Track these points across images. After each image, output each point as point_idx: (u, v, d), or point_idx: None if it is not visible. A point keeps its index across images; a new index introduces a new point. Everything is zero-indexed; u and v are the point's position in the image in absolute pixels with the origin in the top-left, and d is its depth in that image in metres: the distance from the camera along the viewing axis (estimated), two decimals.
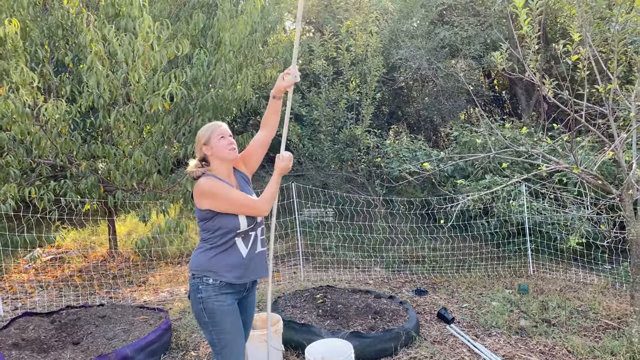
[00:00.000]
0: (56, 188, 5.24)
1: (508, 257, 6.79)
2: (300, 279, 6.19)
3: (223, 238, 2.61)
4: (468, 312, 5.07)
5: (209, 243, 2.63)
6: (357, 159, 8.22)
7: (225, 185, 2.60)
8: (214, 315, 2.59)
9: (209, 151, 2.66)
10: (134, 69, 4.66)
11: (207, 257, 2.62)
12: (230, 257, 2.62)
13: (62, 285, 5.78)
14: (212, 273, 2.59)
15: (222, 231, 2.60)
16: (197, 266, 2.63)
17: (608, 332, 4.48)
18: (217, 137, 2.64)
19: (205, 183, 2.55)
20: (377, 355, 4.00)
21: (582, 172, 4.02)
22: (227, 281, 2.60)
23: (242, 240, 2.65)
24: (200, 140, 2.68)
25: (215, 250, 2.62)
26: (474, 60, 10.93)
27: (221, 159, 2.66)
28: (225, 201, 2.55)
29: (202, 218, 2.62)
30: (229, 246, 2.62)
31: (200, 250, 2.67)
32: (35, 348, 3.80)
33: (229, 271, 2.61)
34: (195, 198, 2.60)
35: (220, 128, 2.67)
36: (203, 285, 2.59)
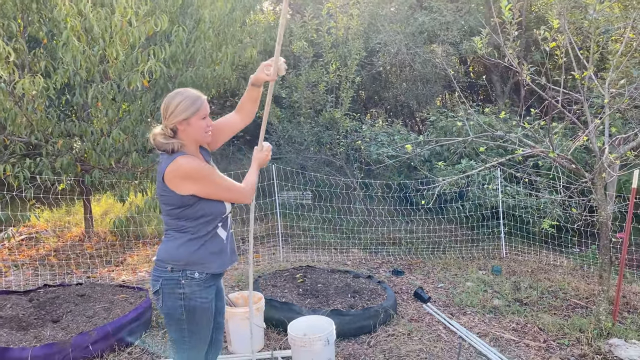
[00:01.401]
0: (32, 166, 5.13)
1: (482, 240, 6.96)
2: (279, 259, 6.24)
3: (207, 226, 2.37)
4: (443, 292, 5.20)
5: (190, 233, 2.34)
6: (336, 142, 8.26)
7: (209, 167, 2.36)
8: (193, 313, 2.36)
9: (185, 127, 2.31)
10: (112, 45, 4.57)
11: (190, 250, 2.33)
12: (214, 245, 2.40)
13: (38, 265, 5.70)
14: (199, 266, 2.34)
15: (207, 218, 2.34)
16: (177, 260, 2.33)
17: (577, 311, 4.67)
18: (200, 116, 2.31)
19: (188, 164, 2.25)
20: (357, 332, 4.09)
21: (558, 156, 4.15)
22: (214, 272, 2.40)
23: (221, 225, 2.45)
24: (179, 114, 2.28)
25: (199, 240, 2.35)
26: (452, 46, 11.02)
27: (195, 140, 2.38)
28: (210, 186, 2.31)
29: (181, 205, 2.29)
30: (212, 234, 2.39)
31: (177, 242, 2.35)
32: (14, 326, 3.76)
33: (215, 259, 2.40)
34: (172, 181, 2.26)
35: (204, 105, 2.34)
36: (187, 280, 2.32)
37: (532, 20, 11.40)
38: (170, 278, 2.33)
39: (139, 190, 5.52)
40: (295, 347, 3.38)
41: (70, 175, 5.31)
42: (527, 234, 6.82)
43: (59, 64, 5.16)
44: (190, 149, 2.38)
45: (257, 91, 2.57)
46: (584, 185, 4.56)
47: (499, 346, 3.94)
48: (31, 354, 3.38)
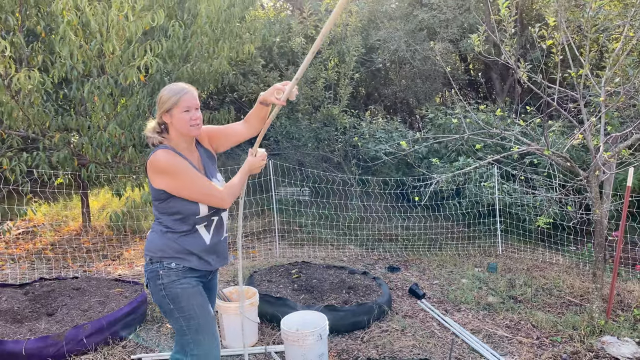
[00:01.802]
0: (28, 160, 5.14)
1: (478, 237, 6.97)
2: (275, 255, 6.26)
3: (183, 224, 2.34)
4: (438, 289, 5.21)
5: (167, 227, 2.35)
6: (333, 139, 8.26)
7: (188, 165, 2.29)
8: (178, 300, 2.32)
9: (169, 119, 2.31)
10: (109, 39, 4.57)
11: (166, 241, 2.33)
12: (192, 243, 2.37)
13: (34, 259, 5.72)
14: (174, 258, 2.33)
15: (180, 216, 2.32)
16: (156, 250, 2.34)
17: (571, 308, 4.68)
18: (181, 108, 2.27)
19: (164, 158, 2.23)
20: (351, 328, 4.10)
21: (553, 154, 4.15)
22: (191, 266, 2.36)
23: (204, 226, 2.40)
24: (162, 105, 2.30)
25: (174, 235, 2.34)
26: (451, 43, 11.01)
27: (181, 134, 2.33)
28: (184, 186, 2.26)
29: (156, 198, 2.32)
30: (189, 231, 2.36)
31: (157, 233, 2.37)
32: (9, 319, 3.78)
33: (190, 256, 2.36)
34: (149, 173, 2.28)
35: (186, 97, 2.28)
36: (164, 270, 2.31)
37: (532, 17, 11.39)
38: (151, 270, 2.34)
39: (136, 185, 5.53)
40: (288, 342, 3.40)
41: (67, 169, 5.32)
42: (523, 232, 6.83)
43: (56, 58, 5.16)
44: (181, 144, 2.35)
45: (264, 110, 2.48)
46: (579, 184, 4.57)
47: (491, 342, 3.96)
48: (25, 346, 3.39)
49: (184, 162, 2.28)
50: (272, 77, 8.18)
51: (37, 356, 3.41)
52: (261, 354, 3.78)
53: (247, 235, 6.89)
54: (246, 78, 8.43)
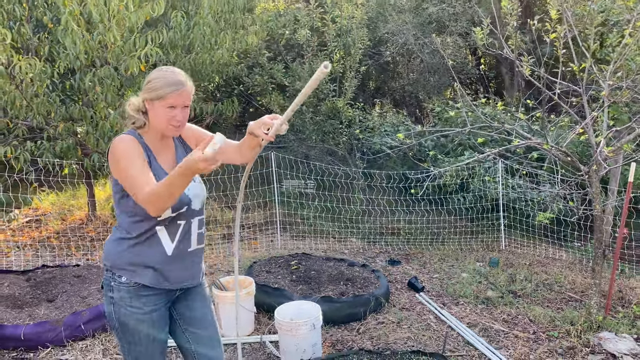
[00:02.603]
0: (33, 149, 5.21)
1: (481, 232, 6.95)
2: (277, 247, 6.29)
3: (140, 226, 1.98)
4: (438, 282, 5.21)
5: (122, 230, 2.02)
6: (338, 132, 8.26)
7: (135, 154, 1.93)
8: (125, 324, 2.00)
9: (150, 107, 1.98)
10: (110, 30, 4.61)
11: (119, 248, 2.00)
12: (148, 252, 2.00)
13: (39, 247, 5.81)
14: (123, 271, 1.98)
15: (138, 217, 1.97)
16: (107, 257, 2.03)
17: (570, 304, 4.66)
18: (166, 103, 1.93)
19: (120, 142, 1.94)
20: (347, 319, 4.12)
21: (552, 148, 4.12)
22: (144, 283, 1.99)
23: (165, 230, 2.02)
24: (148, 91, 1.96)
25: (129, 241, 1.99)
26: (460, 37, 10.93)
27: (155, 127, 2.01)
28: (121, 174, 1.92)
29: (114, 190, 2.02)
30: (148, 237, 1.99)
31: (113, 238, 2.05)
32: (10, 304, 3.85)
33: (144, 270, 1.99)
34: (109, 160, 1.98)
35: (176, 95, 1.93)
36: (115, 283, 1.99)
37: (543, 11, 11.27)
38: (105, 278, 2.06)
39: None
40: (282, 332, 3.43)
41: (71, 159, 5.39)
42: (527, 227, 6.80)
43: (60, 49, 5.21)
44: (152, 134, 2.04)
45: (255, 140, 2.06)
46: (581, 179, 4.53)
47: (487, 336, 3.95)
48: (24, 331, 3.46)
49: (134, 150, 1.94)
50: (276, 70, 8.19)
51: (35, 341, 3.47)
52: (256, 343, 3.81)
53: (249, 227, 6.93)
54: (251, 70, 8.45)
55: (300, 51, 8.49)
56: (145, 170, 1.92)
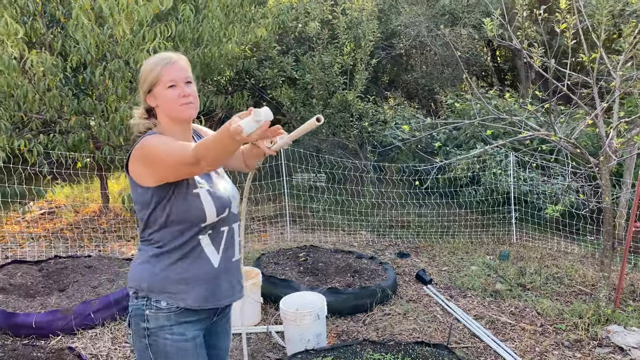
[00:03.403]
0: (46, 142, 5.31)
1: (492, 225, 6.90)
2: (286, 239, 6.33)
3: (181, 237, 1.73)
4: (447, 275, 5.20)
5: (157, 246, 1.75)
6: (349, 125, 8.26)
7: (167, 138, 1.70)
8: (165, 356, 1.73)
9: (154, 102, 1.77)
10: (119, 23, 4.66)
11: (157, 268, 1.73)
12: (193, 268, 1.75)
13: (53, 238, 5.93)
14: (164, 294, 1.72)
15: (179, 227, 1.72)
16: (141, 282, 1.74)
17: (580, 297, 4.62)
18: (164, 83, 1.71)
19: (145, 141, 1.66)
20: (353, 310, 4.14)
21: (561, 139, 4.08)
22: (188, 306, 1.74)
23: (209, 239, 1.78)
24: (142, 85, 1.78)
25: (169, 257, 1.74)
26: (474, 29, 10.83)
27: (172, 118, 1.77)
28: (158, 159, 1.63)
29: (144, 203, 1.73)
30: (191, 249, 1.75)
31: (144, 258, 1.77)
32: (22, 293, 3.94)
33: (190, 290, 1.74)
34: (134, 165, 1.70)
35: (169, 68, 1.72)
36: (151, 311, 1.72)
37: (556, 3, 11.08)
38: (135, 307, 1.76)
39: None
40: (287, 322, 3.46)
41: (83, 152, 5.48)
42: (538, 221, 6.74)
43: (72, 43, 5.29)
44: (172, 131, 1.78)
45: (257, 149, 1.95)
46: (591, 171, 4.48)
47: (493, 328, 3.94)
48: (35, 319, 3.54)
49: (161, 137, 1.70)
50: (286, 63, 8.20)
51: (46, 329, 3.56)
52: (262, 332, 3.85)
53: (259, 220, 6.98)
54: (262, 64, 8.47)
55: (311, 44, 8.49)
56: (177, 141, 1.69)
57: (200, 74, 5.69)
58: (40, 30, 5.69)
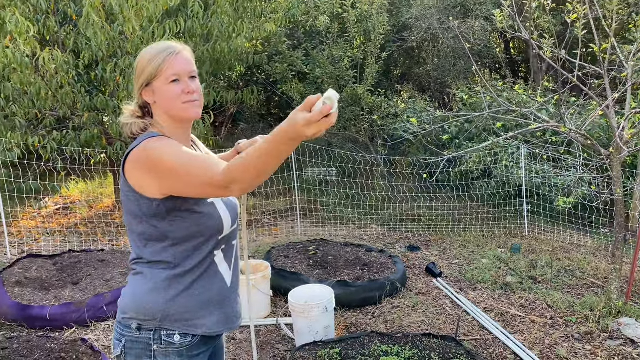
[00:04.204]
0: (59, 138, 5.39)
1: (504, 218, 6.86)
2: (297, 233, 6.36)
3: (196, 254, 1.51)
4: (457, 268, 5.19)
5: (167, 267, 1.49)
6: (359, 119, 8.25)
7: (177, 143, 1.46)
8: None
9: (151, 97, 1.53)
10: (129, 20, 4.71)
11: (170, 295, 1.49)
12: (210, 290, 1.54)
13: (67, 233, 6.03)
14: (182, 323, 1.50)
15: (194, 242, 1.50)
16: (153, 312, 1.48)
17: (591, 290, 4.59)
18: (166, 77, 1.48)
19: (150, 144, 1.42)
20: (362, 303, 4.16)
21: (571, 131, 4.04)
22: (206, 333, 1.53)
23: (223, 255, 1.58)
24: (138, 77, 1.53)
25: (183, 279, 1.50)
26: (487, 21, 10.73)
27: (172, 117, 1.53)
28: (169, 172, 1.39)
29: (147, 215, 1.47)
30: (206, 268, 1.53)
31: (148, 284, 1.50)
32: (37, 286, 4.02)
33: (209, 315, 1.53)
34: (134, 172, 1.45)
35: (173, 59, 1.49)
36: (161, 346, 1.49)
37: None
38: (136, 340, 1.50)
39: None
40: (295, 314, 3.49)
41: (96, 148, 5.56)
42: (551, 213, 6.68)
43: (84, 40, 5.36)
44: (177, 133, 1.56)
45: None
46: (602, 162, 4.44)
47: (503, 321, 3.93)
48: (50, 311, 3.62)
49: (169, 140, 1.46)
50: (296, 57, 8.21)
51: (60, 321, 3.64)
52: (272, 325, 3.89)
53: (269, 214, 7.02)
54: (272, 59, 8.49)
55: (320, 38, 8.49)
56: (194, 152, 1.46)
57: (210, 69, 5.73)
58: (53, 28, 5.76)
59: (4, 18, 4.33)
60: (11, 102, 5.46)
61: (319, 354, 3.10)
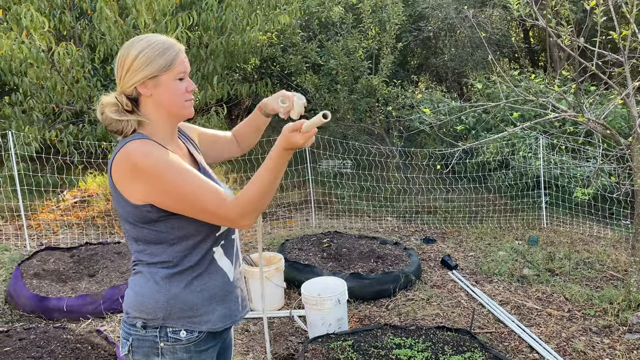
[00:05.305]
0: (76, 132, 5.46)
1: (522, 210, 6.77)
2: (312, 225, 6.35)
3: (194, 253, 1.50)
4: (473, 261, 5.14)
5: (167, 266, 1.49)
6: (374, 110, 8.20)
7: (175, 157, 1.43)
8: None
9: (150, 91, 1.46)
10: (142, 13, 4.73)
11: (172, 292, 1.48)
12: (212, 285, 1.54)
13: (85, 225, 6.11)
14: (186, 320, 1.50)
15: (192, 241, 1.49)
16: (155, 310, 1.48)
17: (611, 283, 4.50)
18: (177, 72, 1.46)
19: (142, 150, 1.38)
20: (376, 295, 4.14)
21: (590, 120, 3.95)
22: (211, 329, 1.53)
23: (222, 250, 1.57)
24: (139, 68, 1.43)
25: (183, 276, 1.50)
26: (505, 9, 10.55)
27: (170, 113, 1.50)
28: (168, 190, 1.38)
29: (142, 219, 1.44)
30: (207, 265, 1.53)
31: (149, 282, 1.49)
32: (55, 278, 4.09)
33: (212, 310, 1.53)
34: (121, 180, 1.41)
35: (181, 57, 1.48)
36: (168, 344, 1.49)
37: None
38: (142, 339, 1.50)
39: None
40: (308, 306, 3.49)
41: (112, 142, 5.61)
42: (569, 205, 6.56)
43: (99, 35, 5.40)
44: (165, 130, 1.52)
45: (262, 121, 1.86)
46: (622, 152, 4.34)
47: (519, 314, 3.88)
48: (67, 303, 3.67)
49: (171, 155, 1.43)
50: (310, 48, 8.17)
51: (77, 312, 3.69)
52: (285, 317, 3.90)
53: (284, 206, 7.02)
54: (286, 50, 8.47)
55: (335, 29, 8.43)
56: (199, 174, 1.44)
57: (224, 62, 5.73)
58: (69, 23, 5.82)
59: (20, 13, 4.38)
60: (29, 97, 5.53)
61: (332, 346, 3.09)
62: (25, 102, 5.53)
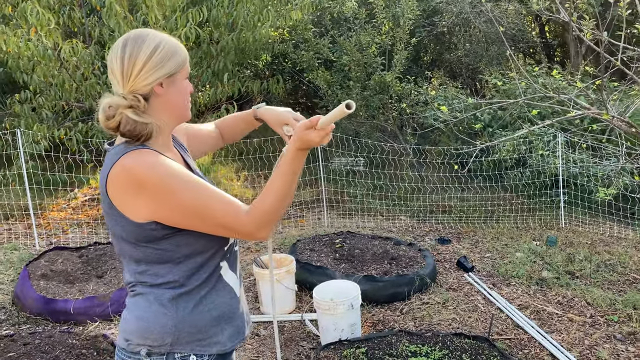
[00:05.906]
0: (85, 130, 5.40)
1: (540, 209, 6.60)
2: (324, 225, 6.24)
3: (202, 270, 1.39)
4: (490, 262, 4.99)
5: (173, 287, 1.35)
6: (388, 107, 8.05)
7: (184, 170, 1.31)
8: None
9: (164, 90, 1.34)
10: (152, 9, 4.64)
11: (180, 315, 1.35)
12: (220, 303, 1.43)
13: (95, 224, 6.06)
14: (196, 343, 1.37)
15: (200, 258, 1.37)
16: (162, 335, 1.35)
17: (634, 286, 4.33)
18: (187, 71, 1.41)
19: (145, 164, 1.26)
20: (390, 299, 4.02)
21: (614, 118, 3.79)
22: (221, 350, 1.42)
23: (227, 263, 1.46)
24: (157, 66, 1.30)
25: (192, 296, 1.37)
26: (521, 3, 10.35)
27: (173, 115, 1.40)
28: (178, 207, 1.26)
29: (148, 238, 1.30)
30: (215, 282, 1.42)
31: (153, 306, 1.35)
32: (62, 279, 4.02)
33: (222, 330, 1.42)
34: (118, 195, 1.28)
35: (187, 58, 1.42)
36: None
37: None
38: None
39: None
40: (320, 311, 3.38)
41: None
42: (589, 204, 6.38)
43: (108, 31, 5.33)
44: (161, 136, 1.38)
45: (255, 124, 1.77)
46: None
47: (539, 319, 3.74)
48: (73, 305, 3.61)
49: (170, 163, 1.30)
50: (322, 44, 8.04)
51: (84, 315, 3.62)
52: (297, 321, 3.79)
53: (296, 205, 6.92)
54: (297, 47, 8.35)
55: (348, 25, 8.29)
56: (212, 186, 1.33)
57: (234, 59, 5.63)
58: (79, 19, 5.75)
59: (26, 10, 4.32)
60: (38, 95, 5.48)
61: (344, 354, 2.98)
62: (34, 100, 5.48)
